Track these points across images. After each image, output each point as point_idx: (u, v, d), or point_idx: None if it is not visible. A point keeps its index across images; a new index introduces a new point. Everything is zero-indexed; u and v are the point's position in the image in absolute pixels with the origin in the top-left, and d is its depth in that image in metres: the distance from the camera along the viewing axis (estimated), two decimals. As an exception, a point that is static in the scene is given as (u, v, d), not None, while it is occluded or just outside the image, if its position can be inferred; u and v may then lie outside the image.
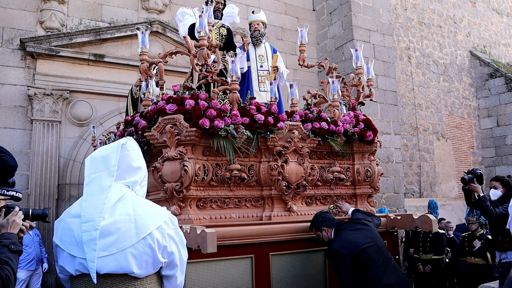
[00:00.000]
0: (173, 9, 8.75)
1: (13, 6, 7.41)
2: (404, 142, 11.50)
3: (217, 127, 3.16)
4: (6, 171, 1.85)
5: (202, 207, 3.34)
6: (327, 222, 3.36)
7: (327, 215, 3.42)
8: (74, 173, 7.50)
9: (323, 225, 3.36)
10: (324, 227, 3.35)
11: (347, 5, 10.05)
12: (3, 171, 1.84)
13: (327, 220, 3.37)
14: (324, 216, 3.41)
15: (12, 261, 1.81)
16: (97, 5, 8.18)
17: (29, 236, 6.37)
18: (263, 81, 5.14)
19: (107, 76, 7.87)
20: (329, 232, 3.33)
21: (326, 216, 3.40)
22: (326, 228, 3.34)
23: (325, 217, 3.39)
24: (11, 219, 1.96)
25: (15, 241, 1.90)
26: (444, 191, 12.46)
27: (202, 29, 3.34)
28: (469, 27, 14.46)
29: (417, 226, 3.97)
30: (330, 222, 3.36)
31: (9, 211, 1.99)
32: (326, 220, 3.37)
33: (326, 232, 3.35)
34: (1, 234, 1.93)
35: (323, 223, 3.36)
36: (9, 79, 7.21)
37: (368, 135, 4.01)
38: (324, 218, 3.38)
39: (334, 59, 9.98)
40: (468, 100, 13.85)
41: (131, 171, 1.94)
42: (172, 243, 1.84)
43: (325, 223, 3.36)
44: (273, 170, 3.49)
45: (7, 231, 1.94)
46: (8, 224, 1.96)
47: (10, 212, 1.98)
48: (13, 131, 7.13)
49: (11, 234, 1.93)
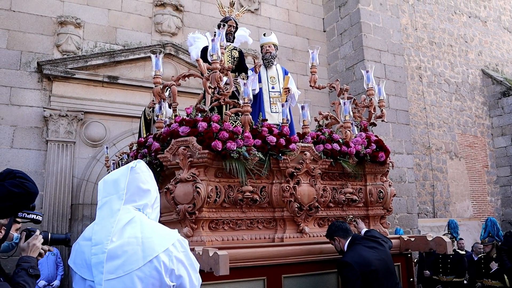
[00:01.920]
0: (185, 32, 8.92)
1: (31, 31, 7.62)
2: (416, 161, 11.41)
3: (230, 149, 3.19)
4: (27, 197, 1.89)
5: (215, 228, 3.35)
6: (339, 232, 3.33)
7: (342, 225, 3.38)
8: (87, 193, 7.57)
9: (336, 234, 3.33)
10: (337, 237, 3.33)
11: (357, 26, 10.14)
12: (24, 198, 1.87)
13: (340, 230, 3.34)
14: (338, 225, 3.38)
15: (29, 285, 1.83)
16: (111, 28, 8.38)
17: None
18: (275, 102, 5.18)
19: (120, 98, 8.00)
20: (342, 242, 3.30)
21: (340, 226, 3.37)
22: (339, 238, 3.32)
23: (339, 227, 3.36)
24: (32, 243, 2.00)
25: (33, 265, 1.93)
26: (459, 211, 12.27)
27: (215, 52, 3.40)
28: (480, 46, 14.44)
29: (432, 248, 3.92)
30: (343, 232, 3.33)
31: (30, 235, 2.02)
32: (339, 229, 3.34)
33: (338, 242, 3.32)
34: (21, 257, 1.96)
35: (336, 232, 3.34)
36: (26, 101, 7.37)
37: (380, 156, 4.00)
38: (338, 227, 3.35)
39: (345, 80, 10.03)
40: (481, 118, 13.74)
41: (141, 193, 1.94)
42: (181, 266, 1.81)
43: (338, 233, 3.33)
44: (285, 192, 3.49)
45: (27, 254, 1.97)
46: (29, 247, 1.99)
47: (31, 236, 2.02)
48: (28, 152, 7.25)
49: (30, 258, 1.96)
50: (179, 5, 9.02)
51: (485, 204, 13.06)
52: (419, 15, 12.99)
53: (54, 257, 6.57)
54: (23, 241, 2.02)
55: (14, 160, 7.07)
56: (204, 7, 9.44)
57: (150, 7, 8.84)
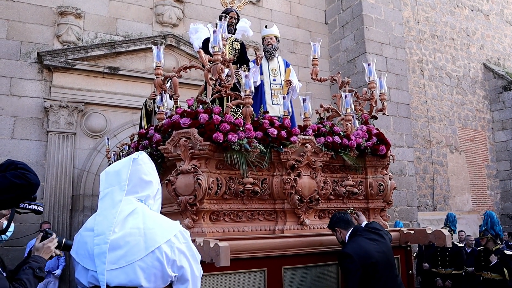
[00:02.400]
0: (186, 23, 8.88)
1: (31, 21, 7.59)
2: (417, 155, 11.42)
3: (231, 141, 3.19)
4: (29, 188, 1.89)
5: (215, 220, 3.36)
6: (341, 223, 3.35)
7: (343, 216, 3.40)
8: (88, 184, 7.58)
9: (337, 225, 3.35)
10: (338, 228, 3.35)
11: (359, 19, 10.10)
12: (26, 189, 1.87)
13: (342, 221, 3.35)
14: (339, 216, 3.40)
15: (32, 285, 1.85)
16: (112, 19, 8.34)
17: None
18: (276, 94, 5.17)
19: (121, 89, 7.99)
20: (343, 233, 3.32)
21: (342, 217, 3.38)
22: (339, 229, 3.34)
23: (340, 218, 3.38)
24: (47, 245, 2.04)
25: (42, 267, 1.96)
26: (458, 204, 12.31)
27: (216, 44, 3.39)
28: (482, 40, 14.39)
29: (431, 241, 3.93)
30: (344, 223, 3.34)
31: (46, 237, 2.07)
32: (340, 220, 3.36)
33: (339, 233, 3.34)
34: (33, 256, 1.99)
35: (337, 223, 3.36)
36: (26, 92, 7.36)
37: (381, 149, 4.00)
38: (339, 219, 3.37)
39: (347, 72, 10.00)
40: (482, 112, 13.73)
41: (143, 184, 1.96)
42: (182, 257, 1.84)
43: (339, 224, 3.35)
44: (286, 184, 3.50)
45: (40, 255, 2.00)
46: (43, 249, 2.03)
47: (47, 238, 2.07)
48: (29, 143, 7.26)
49: (41, 259, 2.00)
50: (180, -4, 8.97)
51: (485, 198, 13.10)
52: (421, 8, 12.93)
53: None
54: (39, 241, 2.05)
55: (14, 150, 7.07)
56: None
57: (151, -2, 8.79)
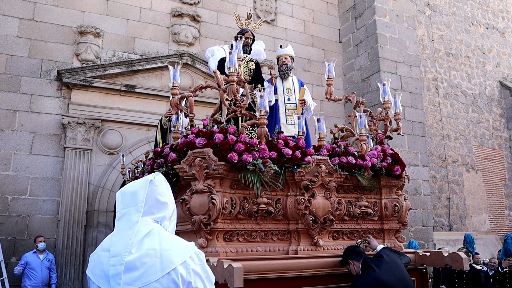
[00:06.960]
0: (202, 42, 9.03)
1: (52, 40, 7.80)
2: (432, 173, 11.29)
3: (245, 161, 3.21)
4: None
5: (229, 240, 3.36)
6: (353, 255, 3.34)
7: (356, 249, 3.40)
8: (103, 200, 7.66)
9: (350, 258, 3.34)
10: (351, 260, 3.33)
11: (373, 37, 10.13)
12: None
13: (354, 253, 3.35)
14: (351, 249, 3.39)
15: None
16: (130, 38, 8.52)
17: (38, 259, 6.45)
18: (291, 114, 5.19)
19: (137, 106, 8.11)
20: (356, 265, 3.30)
21: (354, 250, 3.38)
22: (352, 261, 3.32)
23: (352, 250, 3.37)
24: None
25: None
26: (475, 224, 12.08)
27: (232, 65, 3.44)
28: (498, 57, 14.29)
29: (447, 264, 3.87)
30: (356, 255, 3.33)
31: None
32: (352, 253, 3.35)
33: (352, 265, 3.32)
34: None
35: (350, 256, 3.35)
36: (45, 108, 7.53)
37: (395, 169, 3.98)
38: (351, 251, 3.37)
39: (361, 91, 10.01)
40: (498, 131, 13.56)
41: (159, 206, 1.97)
42: (198, 279, 1.83)
43: (351, 256, 3.34)
44: (300, 204, 3.49)
45: None
46: None
47: None
48: (46, 158, 7.38)
49: None
50: (197, 16, 9.14)
51: (503, 218, 12.84)
52: (436, 26, 12.92)
53: (49, 263, 6.60)
54: None
55: (32, 166, 7.21)
56: (221, 18, 9.54)
57: (168, 18, 8.97)
